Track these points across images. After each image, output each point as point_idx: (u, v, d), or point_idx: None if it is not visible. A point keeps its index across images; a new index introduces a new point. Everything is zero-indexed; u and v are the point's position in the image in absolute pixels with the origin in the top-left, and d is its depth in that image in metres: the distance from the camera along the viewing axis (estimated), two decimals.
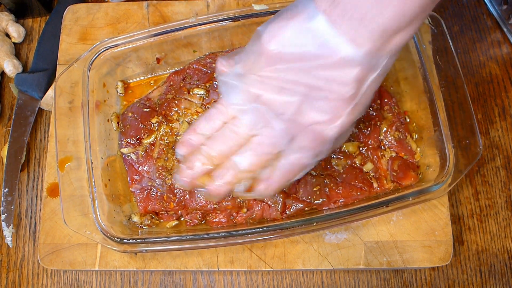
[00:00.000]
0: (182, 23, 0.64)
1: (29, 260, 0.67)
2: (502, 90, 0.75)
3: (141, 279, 0.66)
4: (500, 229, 0.68)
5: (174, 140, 0.63)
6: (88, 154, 0.59)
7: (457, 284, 0.66)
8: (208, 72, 0.66)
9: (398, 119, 0.64)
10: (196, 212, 0.61)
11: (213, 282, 0.65)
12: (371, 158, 0.62)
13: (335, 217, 0.57)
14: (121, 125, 0.66)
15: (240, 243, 0.58)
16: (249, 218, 0.61)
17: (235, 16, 0.64)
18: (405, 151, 0.63)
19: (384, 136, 0.63)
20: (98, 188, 0.59)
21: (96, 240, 0.57)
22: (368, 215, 0.57)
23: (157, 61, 0.68)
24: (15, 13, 0.78)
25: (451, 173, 0.58)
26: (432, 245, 0.62)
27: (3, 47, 0.74)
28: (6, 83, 0.76)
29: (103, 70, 0.66)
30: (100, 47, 0.63)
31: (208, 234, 0.57)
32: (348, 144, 0.62)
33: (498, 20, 0.78)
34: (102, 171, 0.61)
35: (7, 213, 0.66)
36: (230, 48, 0.68)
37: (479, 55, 0.77)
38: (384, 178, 0.62)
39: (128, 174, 0.63)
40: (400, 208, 0.57)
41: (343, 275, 0.66)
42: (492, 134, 0.72)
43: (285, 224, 0.57)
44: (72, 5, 0.73)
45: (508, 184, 0.70)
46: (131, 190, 0.63)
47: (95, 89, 0.64)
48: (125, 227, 0.61)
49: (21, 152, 0.69)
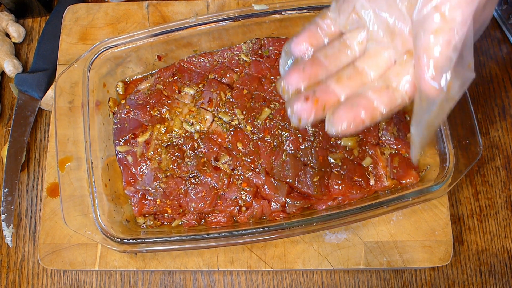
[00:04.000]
0: (182, 23, 0.64)
1: (29, 260, 0.67)
2: (502, 90, 0.75)
3: (141, 279, 0.66)
4: (500, 229, 0.68)
5: (168, 139, 0.63)
6: (88, 154, 0.59)
7: (457, 284, 0.66)
8: (201, 72, 0.67)
9: (397, 116, 0.64)
10: (193, 213, 0.61)
11: (213, 282, 0.65)
12: (369, 153, 0.62)
13: (335, 217, 0.57)
14: (116, 123, 0.66)
15: (240, 243, 0.58)
16: (250, 216, 0.61)
17: (235, 16, 0.64)
18: (406, 149, 0.63)
19: (383, 133, 0.64)
20: (98, 188, 0.59)
21: (96, 240, 0.57)
22: (368, 215, 0.57)
23: (158, 58, 0.69)
24: (15, 13, 0.78)
25: (451, 173, 0.58)
26: (432, 245, 0.62)
27: (3, 47, 0.74)
28: (6, 83, 0.76)
29: (103, 70, 0.66)
30: (100, 47, 0.63)
31: (208, 234, 0.57)
32: (347, 139, 0.62)
33: (498, 20, 0.78)
34: (102, 171, 0.61)
35: (7, 213, 0.66)
36: (227, 47, 0.68)
37: (479, 55, 0.77)
38: (384, 175, 0.62)
39: (123, 175, 0.63)
40: (399, 208, 0.57)
41: (343, 275, 0.66)
42: (492, 134, 0.72)
43: (285, 224, 0.57)
44: (72, 5, 0.73)
45: (508, 184, 0.70)
46: (126, 192, 0.63)
47: (95, 89, 0.64)
48: (125, 227, 0.61)
49: (21, 152, 0.69)
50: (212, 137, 0.63)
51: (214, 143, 0.62)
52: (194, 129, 0.63)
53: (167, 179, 0.61)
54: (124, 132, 0.64)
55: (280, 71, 0.48)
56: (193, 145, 0.62)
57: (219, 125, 0.63)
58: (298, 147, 0.61)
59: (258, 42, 0.68)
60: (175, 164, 0.62)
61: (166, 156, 0.62)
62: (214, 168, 0.61)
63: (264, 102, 0.64)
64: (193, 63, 0.67)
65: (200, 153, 0.62)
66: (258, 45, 0.68)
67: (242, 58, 0.67)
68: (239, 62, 0.67)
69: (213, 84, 0.65)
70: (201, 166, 0.61)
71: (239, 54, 0.67)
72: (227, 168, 0.61)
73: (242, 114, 0.63)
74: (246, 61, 0.67)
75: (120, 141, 0.64)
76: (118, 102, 0.67)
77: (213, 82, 0.65)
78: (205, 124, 0.63)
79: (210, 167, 0.61)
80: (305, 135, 0.62)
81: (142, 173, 0.62)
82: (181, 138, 0.63)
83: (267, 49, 0.68)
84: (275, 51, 0.67)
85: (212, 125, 0.64)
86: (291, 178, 0.60)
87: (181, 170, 0.62)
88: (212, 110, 0.64)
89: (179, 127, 0.64)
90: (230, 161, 0.61)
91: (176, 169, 0.62)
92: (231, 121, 0.63)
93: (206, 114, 0.64)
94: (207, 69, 0.67)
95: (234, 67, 0.67)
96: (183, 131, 0.63)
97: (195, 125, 0.64)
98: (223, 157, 0.62)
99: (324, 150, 0.62)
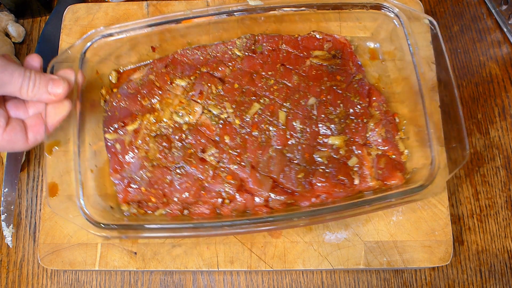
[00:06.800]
0: (177, 15, 0.64)
1: (29, 260, 0.67)
2: (502, 90, 0.75)
3: (141, 279, 0.66)
4: (500, 229, 0.68)
5: (157, 129, 0.64)
6: (76, 138, 0.59)
7: (457, 284, 0.66)
8: (194, 64, 0.67)
9: (386, 117, 0.65)
10: (177, 203, 0.62)
11: (213, 282, 0.65)
12: (356, 153, 0.63)
13: (317, 213, 0.57)
14: (107, 110, 0.66)
15: (221, 234, 0.58)
16: (233, 209, 0.61)
17: (229, 11, 0.64)
18: (393, 151, 0.63)
19: (371, 134, 0.64)
20: (84, 174, 0.59)
21: (77, 224, 0.56)
22: (349, 213, 0.57)
23: (152, 49, 0.69)
24: (15, 13, 0.78)
25: (435, 176, 0.57)
26: (432, 245, 0.62)
27: (3, 47, 0.74)
28: None
29: (97, 58, 0.66)
30: (94, 35, 0.63)
31: (188, 224, 0.58)
32: (334, 138, 0.62)
33: (498, 20, 0.78)
34: (89, 157, 0.62)
35: (7, 213, 0.66)
36: (221, 42, 0.69)
37: (479, 55, 0.77)
38: (369, 175, 0.62)
39: (110, 163, 0.64)
40: (382, 208, 0.57)
41: (343, 275, 0.66)
42: (492, 134, 0.72)
43: (267, 218, 0.57)
44: (72, 5, 0.73)
45: (508, 184, 0.70)
46: (112, 179, 0.63)
47: (88, 77, 0.64)
48: (109, 214, 0.61)
49: (21, 152, 0.69)
50: (200, 129, 0.63)
51: (202, 135, 0.63)
52: (183, 121, 0.64)
53: (153, 168, 0.62)
54: (114, 120, 0.65)
55: None
56: (181, 136, 0.63)
57: (208, 118, 0.64)
58: (285, 143, 0.62)
59: (252, 38, 0.68)
60: (162, 154, 0.62)
61: (154, 145, 0.63)
62: (200, 159, 0.62)
63: (254, 97, 0.64)
64: (186, 56, 0.68)
65: (187, 144, 0.63)
66: (252, 41, 0.68)
67: (235, 52, 0.68)
68: (232, 57, 0.67)
69: (205, 77, 0.66)
70: (187, 157, 0.62)
71: (233, 48, 0.68)
72: (213, 160, 0.62)
73: (232, 108, 0.64)
74: (239, 56, 0.67)
75: (109, 128, 0.65)
76: (110, 91, 0.68)
77: (205, 75, 0.66)
78: (194, 116, 0.64)
79: (197, 158, 0.62)
80: (293, 132, 0.62)
81: (129, 161, 0.63)
82: (169, 129, 0.64)
83: (260, 45, 0.68)
84: (268, 47, 0.68)
85: (201, 117, 0.64)
86: (276, 173, 0.60)
87: (167, 160, 0.62)
88: (202, 103, 0.65)
89: (168, 118, 0.64)
90: (217, 153, 0.62)
91: (163, 159, 0.62)
92: (220, 114, 0.64)
93: (196, 106, 0.64)
94: (200, 62, 0.68)
95: (227, 61, 0.67)
96: (172, 122, 0.64)
97: (185, 117, 0.64)
98: (210, 149, 0.62)
99: (310, 147, 0.62)
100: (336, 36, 0.69)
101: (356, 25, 0.71)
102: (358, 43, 0.71)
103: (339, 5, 0.66)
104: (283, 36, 0.68)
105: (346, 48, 0.68)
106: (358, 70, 0.67)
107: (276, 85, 0.65)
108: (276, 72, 0.66)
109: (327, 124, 0.63)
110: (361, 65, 0.68)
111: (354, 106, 0.64)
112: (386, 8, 0.65)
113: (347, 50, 0.68)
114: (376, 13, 0.66)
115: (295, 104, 0.64)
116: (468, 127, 0.73)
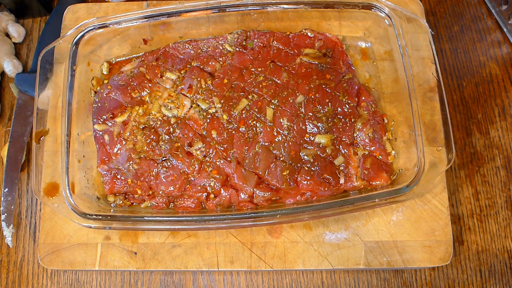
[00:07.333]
0: (169, 8, 0.65)
1: (29, 260, 0.67)
2: (502, 90, 0.75)
3: (141, 279, 0.66)
4: (500, 229, 0.68)
5: (145, 121, 0.64)
6: (64, 128, 0.60)
7: (457, 284, 0.66)
8: (185, 58, 0.67)
9: (374, 118, 0.65)
10: (162, 196, 0.62)
11: (213, 282, 0.65)
12: (343, 152, 0.63)
13: (300, 211, 0.57)
14: (97, 101, 0.66)
15: (204, 229, 0.59)
16: (218, 204, 0.61)
17: (221, 6, 0.65)
18: (380, 151, 0.63)
19: (358, 134, 0.64)
20: (71, 163, 0.59)
21: (62, 213, 0.57)
22: (333, 212, 0.57)
23: (144, 42, 0.69)
24: (15, 13, 0.78)
25: (420, 178, 0.58)
26: (432, 245, 0.62)
27: (3, 47, 0.74)
28: (6, 83, 0.76)
29: (88, 49, 0.66)
30: (86, 26, 0.64)
31: (171, 217, 0.58)
32: (321, 136, 0.62)
33: (498, 20, 0.78)
34: (77, 147, 0.62)
35: (7, 213, 0.66)
36: (212, 36, 0.69)
37: (479, 55, 0.77)
38: (354, 175, 0.62)
39: (98, 153, 0.64)
40: (366, 208, 0.57)
41: (343, 275, 0.66)
42: (492, 134, 0.72)
43: (249, 213, 0.58)
44: (72, 5, 0.73)
45: (508, 184, 0.70)
46: (99, 170, 0.64)
47: (79, 67, 0.65)
48: (95, 204, 0.61)
49: (21, 152, 0.69)
50: (188, 123, 0.64)
51: (190, 129, 0.63)
52: (172, 114, 0.64)
53: (140, 161, 0.62)
54: (104, 111, 0.65)
55: None
56: (168, 129, 0.63)
57: (196, 112, 0.64)
58: (271, 140, 0.62)
59: (244, 34, 0.68)
60: (149, 146, 0.63)
61: (141, 138, 0.63)
62: (187, 153, 0.62)
63: (242, 93, 0.65)
64: (177, 49, 0.68)
65: (174, 138, 0.63)
66: (243, 37, 0.68)
67: (226, 48, 0.68)
68: (223, 52, 0.68)
69: (195, 71, 0.66)
70: (174, 150, 0.62)
71: (224, 43, 0.68)
72: (199, 154, 0.62)
73: (220, 103, 0.64)
74: (229, 51, 0.68)
75: (98, 119, 0.65)
76: (101, 82, 0.68)
77: (195, 69, 0.66)
78: (182, 110, 0.64)
79: (183, 152, 0.62)
80: (280, 129, 0.62)
81: (117, 152, 0.63)
82: (158, 122, 0.64)
83: (251, 41, 0.68)
84: (259, 43, 0.68)
85: (190, 111, 0.64)
86: (262, 169, 0.61)
87: (154, 153, 0.62)
88: (191, 97, 0.65)
89: (157, 111, 0.64)
90: (203, 148, 0.62)
91: (150, 152, 0.63)
92: (208, 109, 0.64)
93: (185, 100, 0.65)
94: (191, 56, 0.68)
95: (218, 56, 0.67)
96: (160, 115, 0.64)
97: (173, 110, 0.64)
98: (196, 143, 0.62)
99: (297, 145, 0.62)
100: (328, 35, 0.69)
101: (352, 24, 0.71)
102: (350, 42, 0.71)
103: (331, 3, 0.66)
104: (275, 33, 0.68)
105: (337, 47, 0.68)
106: (348, 69, 0.67)
107: (265, 81, 0.65)
108: (266, 68, 0.66)
109: (314, 123, 0.63)
110: (351, 64, 0.68)
111: (342, 106, 0.64)
112: (377, 8, 0.65)
113: (338, 49, 0.68)
114: (368, 12, 0.67)
115: (283, 101, 0.64)
116: (468, 127, 0.73)
